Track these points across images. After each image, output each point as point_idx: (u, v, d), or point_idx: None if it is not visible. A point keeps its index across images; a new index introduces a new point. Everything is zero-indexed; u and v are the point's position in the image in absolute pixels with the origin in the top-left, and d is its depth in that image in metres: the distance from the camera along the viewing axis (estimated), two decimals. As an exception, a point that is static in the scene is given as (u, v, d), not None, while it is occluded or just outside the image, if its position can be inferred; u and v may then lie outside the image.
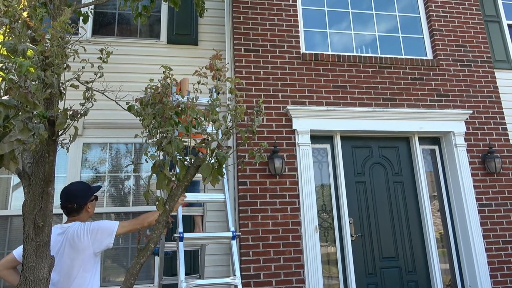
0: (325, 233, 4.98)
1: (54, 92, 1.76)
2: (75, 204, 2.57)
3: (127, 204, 4.83)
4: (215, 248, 4.55)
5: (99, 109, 3.76)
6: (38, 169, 1.94)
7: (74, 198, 2.59)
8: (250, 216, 4.55)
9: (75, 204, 2.57)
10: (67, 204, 2.59)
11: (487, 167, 5.27)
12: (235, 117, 2.05)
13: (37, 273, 1.89)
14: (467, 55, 5.78)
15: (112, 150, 4.99)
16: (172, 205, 2.01)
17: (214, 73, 2.04)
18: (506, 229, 5.12)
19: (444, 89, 5.55)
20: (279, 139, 4.88)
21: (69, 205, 2.58)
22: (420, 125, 5.31)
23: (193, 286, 2.85)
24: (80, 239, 2.42)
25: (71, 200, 2.58)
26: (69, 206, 2.58)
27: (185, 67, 3.99)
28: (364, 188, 5.21)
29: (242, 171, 4.67)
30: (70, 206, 2.58)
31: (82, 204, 2.61)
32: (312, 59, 5.27)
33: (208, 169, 1.92)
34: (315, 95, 5.15)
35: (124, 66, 4.97)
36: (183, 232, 2.94)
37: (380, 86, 5.37)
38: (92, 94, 1.99)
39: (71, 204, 2.57)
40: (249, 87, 4.98)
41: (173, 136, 1.98)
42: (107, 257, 4.68)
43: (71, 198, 2.59)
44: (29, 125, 1.28)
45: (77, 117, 1.80)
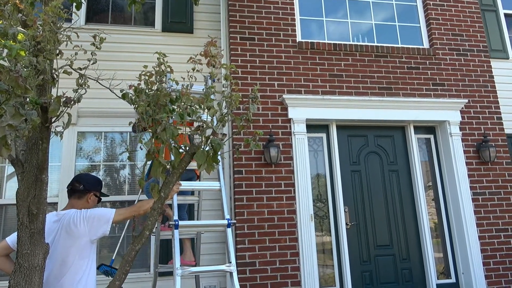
0: (320, 222, 5.01)
1: (47, 79, 1.74)
2: (82, 185, 2.65)
3: (123, 193, 4.83)
4: (210, 237, 4.57)
5: (93, 97, 3.74)
6: (32, 156, 1.92)
7: (84, 181, 2.70)
8: (245, 205, 4.57)
9: (82, 185, 2.65)
10: (75, 183, 2.67)
11: (482, 156, 5.30)
12: (230, 104, 2.04)
13: (31, 260, 1.89)
14: (463, 44, 5.77)
15: (107, 139, 4.97)
16: (167, 193, 2.00)
17: (209, 59, 2.02)
18: (499, 217, 5.17)
19: (440, 78, 5.55)
20: (275, 128, 4.87)
21: (77, 184, 2.66)
22: (415, 114, 5.32)
23: (188, 273, 2.86)
24: (77, 226, 2.42)
25: (80, 180, 2.69)
26: (76, 185, 2.65)
27: (180, 56, 3.95)
28: (360, 177, 5.23)
29: (238, 160, 4.67)
30: (77, 185, 2.65)
31: (88, 189, 2.68)
32: (308, 47, 5.24)
33: (203, 156, 1.91)
34: (311, 84, 5.13)
35: (118, 54, 4.92)
36: (178, 220, 2.95)
37: (376, 75, 5.36)
38: (85, 81, 1.96)
39: (78, 184, 2.66)
40: (244, 75, 4.95)
41: (168, 123, 1.96)
42: (103, 246, 4.69)
43: (81, 179, 2.71)
44: (20, 110, 1.26)
45: (70, 103, 1.78)
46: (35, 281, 1.88)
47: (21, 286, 1.86)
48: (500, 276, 4.97)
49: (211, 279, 4.58)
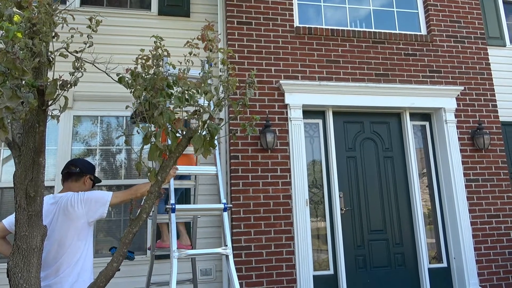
0: (316, 207, 5.06)
1: (43, 61, 1.73)
2: (78, 168, 2.69)
3: (119, 177, 4.85)
4: (207, 221, 4.61)
5: (89, 81, 3.71)
6: (28, 139, 1.92)
7: (80, 163, 2.76)
8: (241, 190, 4.60)
9: (78, 168, 2.69)
10: (71, 166, 2.71)
11: (476, 143, 5.35)
12: (227, 89, 2.04)
13: (29, 242, 1.90)
14: (461, 31, 5.76)
15: (103, 124, 4.96)
16: (164, 176, 2.02)
17: (206, 43, 2.01)
18: (491, 204, 5.25)
19: (437, 65, 5.55)
20: (271, 113, 4.88)
21: (72, 167, 2.70)
22: (411, 101, 5.33)
23: (185, 255, 2.90)
24: (74, 208, 2.45)
25: (76, 164, 2.74)
26: (72, 168, 2.69)
27: (176, 39, 3.91)
28: (355, 163, 5.27)
29: (234, 145, 4.69)
30: (73, 169, 2.69)
31: (84, 172, 2.72)
32: (305, 33, 5.21)
33: (200, 140, 1.92)
34: (308, 69, 5.12)
35: (114, 38, 4.88)
36: (175, 204, 2.97)
37: (373, 61, 5.35)
38: (82, 64, 1.95)
39: (74, 167, 2.70)
40: (241, 60, 4.93)
41: (165, 108, 1.97)
42: (100, 230, 4.73)
43: (77, 163, 2.77)
44: (18, 93, 1.26)
45: (67, 87, 1.78)
46: (34, 262, 1.90)
47: (19, 267, 1.88)
48: (490, 261, 5.07)
49: (207, 262, 4.64)
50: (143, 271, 4.11)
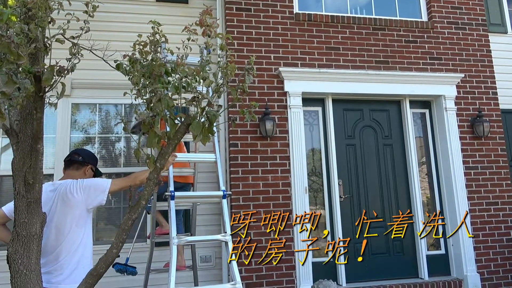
0: (315, 195, 5.08)
1: (39, 47, 1.70)
2: (81, 157, 2.71)
3: (118, 165, 4.85)
4: (206, 208, 4.62)
5: (87, 68, 3.68)
6: (26, 126, 1.91)
7: (83, 153, 2.79)
8: (241, 177, 4.60)
9: (81, 157, 2.71)
10: (74, 154, 2.73)
11: (475, 131, 5.34)
12: (225, 75, 2.02)
13: (29, 229, 1.91)
14: (462, 17, 5.70)
15: (101, 112, 4.94)
16: (162, 163, 2.01)
17: (204, 29, 1.98)
18: (490, 191, 5.27)
19: (438, 52, 5.51)
20: (271, 101, 4.86)
21: (75, 156, 2.72)
22: (411, 88, 5.31)
23: (184, 242, 2.92)
24: (73, 195, 2.45)
25: (79, 153, 2.76)
26: (75, 157, 2.71)
27: (174, 26, 3.87)
28: (354, 150, 5.27)
29: (233, 132, 4.67)
30: (76, 157, 2.71)
31: (87, 161, 2.73)
32: (305, 19, 5.15)
33: (199, 127, 1.91)
34: (307, 56, 5.08)
35: (111, 24, 4.82)
36: (174, 191, 2.98)
37: (373, 49, 5.31)
38: (78, 49, 1.93)
39: (77, 155, 2.72)
40: (240, 47, 4.88)
41: (163, 94, 1.95)
42: (100, 218, 4.74)
43: (81, 152, 2.80)
44: (13, 78, 1.25)
45: (64, 73, 1.76)
46: (33, 248, 1.91)
47: (19, 253, 1.89)
48: (488, 248, 5.10)
49: (207, 249, 4.67)
50: (143, 259, 4.13)
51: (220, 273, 4.63)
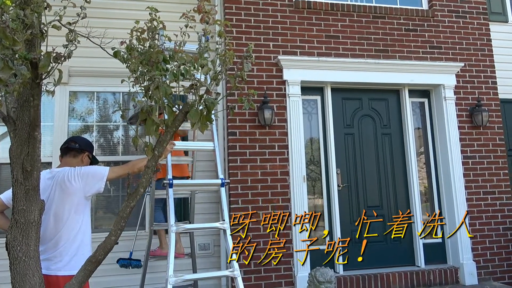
0: (313, 184, 5.09)
1: (35, 33, 1.68)
2: (78, 144, 2.71)
3: (116, 153, 4.84)
4: (204, 197, 4.64)
5: (84, 56, 3.66)
6: (23, 113, 1.90)
7: (80, 140, 2.79)
8: (239, 166, 4.61)
9: (78, 144, 2.71)
10: (70, 142, 2.73)
11: (474, 120, 5.34)
12: (224, 62, 2.01)
13: (27, 216, 1.91)
14: (462, 6, 5.65)
15: (99, 100, 4.91)
16: (160, 151, 2.01)
17: (202, 15, 1.96)
18: (487, 180, 5.29)
19: (438, 41, 5.47)
20: (269, 89, 4.84)
21: (72, 143, 2.72)
22: (411, 77, 5.29)
23: (183, 230, 2.93)
24: (71, 182, 2.46)
25: (76, 140, 2.77)
26: (71, 144, 2.71)
27: (172, 13, 3.84)
28: (353, 139, 5.27)
29: (232, 121, 4.66)
30: (73, 144, 2.71)
31: (84, 149, 2.74)
32: (304, 7, 5.10)
33: (197, 115, 1.90)
34: (306, 45, 5.04)
35: (108, 11, 4.77)
36: (172, 179, 2.98)
37: (373, 37, 5.27)
38: (75, 36, 1.91)
39: (74, 143, 2.72)
40: (239, 35, 4.84)
41: (161, 81, 1.94)
42: (99, 207, 4.75)
43: (77, 139, 2.81)
44: (9, 63, 1.23)
45: (60, 59, 1.74)
46: (32, 236, 1.92)
47: (18, 241, 1.89)
48: (484, 237, 5.15)
49: (205, 237, 4.69)
50: (142, 246, 4.16)
51: (218, 261, 4.66)
